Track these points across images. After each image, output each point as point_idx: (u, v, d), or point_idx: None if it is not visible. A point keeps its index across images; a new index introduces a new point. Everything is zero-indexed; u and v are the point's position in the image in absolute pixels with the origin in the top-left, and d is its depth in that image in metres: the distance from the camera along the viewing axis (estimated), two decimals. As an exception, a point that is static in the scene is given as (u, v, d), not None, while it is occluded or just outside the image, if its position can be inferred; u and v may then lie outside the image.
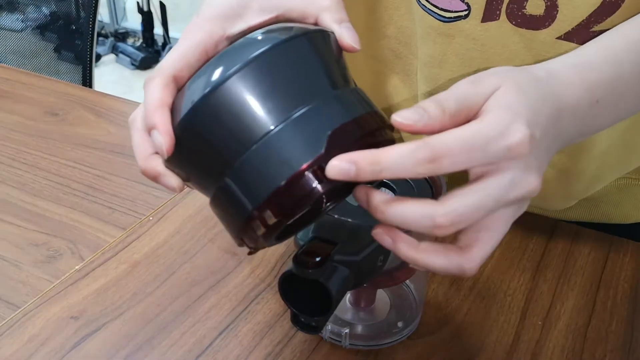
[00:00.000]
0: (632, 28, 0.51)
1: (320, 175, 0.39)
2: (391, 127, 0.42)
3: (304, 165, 0.39)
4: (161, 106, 0.43)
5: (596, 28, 0.56)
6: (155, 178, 0.45)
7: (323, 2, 0.47)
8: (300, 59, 0.42)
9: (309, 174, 0.39)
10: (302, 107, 0.40)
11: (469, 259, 0.40)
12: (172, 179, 0.44)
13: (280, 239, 0.45)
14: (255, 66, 0.41)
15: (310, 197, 0.40)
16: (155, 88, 0.43)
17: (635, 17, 0.53)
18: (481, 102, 0.41)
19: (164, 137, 0.42)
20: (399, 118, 0.39)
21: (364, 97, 0.44)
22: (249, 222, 0.41)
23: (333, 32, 0.46)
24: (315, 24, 0.48)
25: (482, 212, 0.39)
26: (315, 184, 0.39)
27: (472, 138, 0.38)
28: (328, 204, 0.45)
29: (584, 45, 0.50)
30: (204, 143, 0.42)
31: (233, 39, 0.47)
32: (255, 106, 0.40)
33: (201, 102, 0.41)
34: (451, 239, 0.42)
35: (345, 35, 0.46)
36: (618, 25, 0.53)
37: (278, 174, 0.39)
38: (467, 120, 0.40)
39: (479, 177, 0.39)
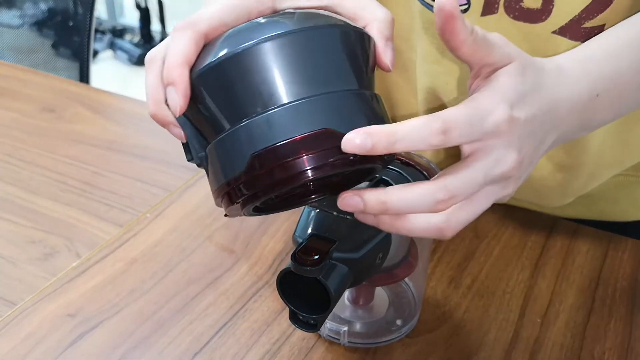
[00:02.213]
0: (630, 26, 0.53)
1: (305, 163, 0.39)
2: (387, 160, 0.43)
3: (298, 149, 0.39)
4: (184, 63, 0.42)
5: (587, 24, 0.57)
6: (164, 125, 0.45)
7: (377, 13, 0.47)
8: (339, 49, 0.42)
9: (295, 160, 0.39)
10: (313, 95, 0.40)
11: (449, 222, 0.42)
12: (181, 130, 0.45)
13: (259, 212, 0.46)
14: (289, 41, 0.41)
15: (286, 180, 0.40)
16: (183, 41, 0.42)
17: (634, 15, 0.54)
18: (495, 62, 0.43)
19: (179, 98, 0.42)
20: (445, 1, 0.40)
21: (381, 110, 0.44)
22: (224, 188, 0.42)
23: (373, 39, 0.46)
24: None
25: (475, 185, 0.41)
26: (296, 169, 0.40)
27: (474, 113, 0.40)
28: (308, 195, 0.47)
29: (585, 42, 0.51)
30: (214, 98, 0.42)
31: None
32: (268, 80, 0.41)
33: (220, 62, 0.41)
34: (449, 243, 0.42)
35: (389, 54, 0.46)
36: (618, 23, 0.54)
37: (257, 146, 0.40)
38: (478, 61, 0.43)
39: (468, 156, 0.42)
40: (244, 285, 0.67)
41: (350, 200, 0.41)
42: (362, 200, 0.41)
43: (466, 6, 0.61)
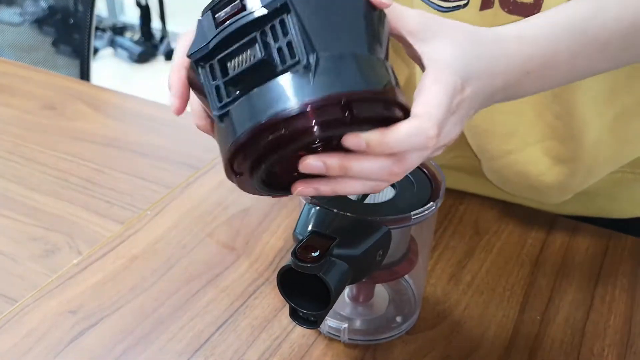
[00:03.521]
0: (580, 5, 0.52)
1: (314, 119, 0.40)
2: (401, 108, 0.44)
3: (303, 104, 0.39)
4: (180, 69, 0.46)
5: None
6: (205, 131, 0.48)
7: None
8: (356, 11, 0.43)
9: (305, 115, 0.40)
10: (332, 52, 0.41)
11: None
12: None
13: (267, 185, 0.46)
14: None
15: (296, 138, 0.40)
16: (183, 48, 0.46)
17: None
18: (409, 27, 0.46)
19: (176, 100, 0.47)
20: None
21: (391, 73, 0.45)
22: (234, 150, 0.42)
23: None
24: None
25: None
26: (307, 125, 0.40)
27: (446, 103, 0.43)
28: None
29: (531, 17, 0.52)
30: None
31: None
32: None
33: None
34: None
35: None
36: (565, 2, 0.54)
37: (272, 108, 0.40)
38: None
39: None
40: (244, 282, 0.67)
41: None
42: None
43: (465, 1, 0.62)
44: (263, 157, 0.42)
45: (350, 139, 0.41)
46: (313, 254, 0.47)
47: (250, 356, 0.59)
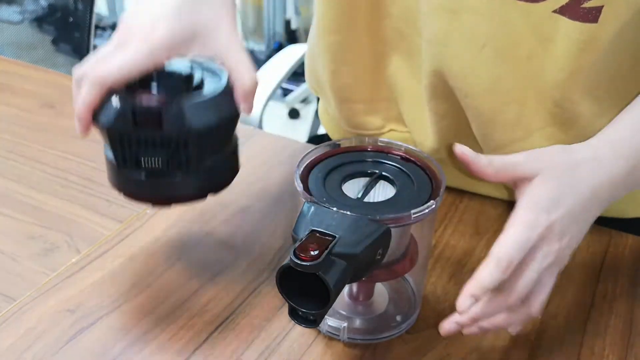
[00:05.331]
0: None
1: None
2: None
3: None
4: (88, 111, 0.57)
5: (586, 5, 0.58)
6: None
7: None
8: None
9: None
10: None
11: (532, 307, 0.54)
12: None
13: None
14: None
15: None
16: (89, 95, 0.56)
17: None
18: (524, 176, 0.54)
19: (81, 129, 0.60)
20: (460, 149, 0.55)
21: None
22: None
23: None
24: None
25: (531, 283, 0.53)
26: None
27: (520, 241, 0.51)
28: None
29: (617, 119, 0.60)
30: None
31: None
32: None
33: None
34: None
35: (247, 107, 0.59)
36: None
37: None
38: (506, 180, 0.56)
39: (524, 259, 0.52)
40: (243, 281, 0.67)
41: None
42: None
43: None
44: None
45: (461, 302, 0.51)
46: (312, 253, 0.47)
47: (250, 355, 0.59)
